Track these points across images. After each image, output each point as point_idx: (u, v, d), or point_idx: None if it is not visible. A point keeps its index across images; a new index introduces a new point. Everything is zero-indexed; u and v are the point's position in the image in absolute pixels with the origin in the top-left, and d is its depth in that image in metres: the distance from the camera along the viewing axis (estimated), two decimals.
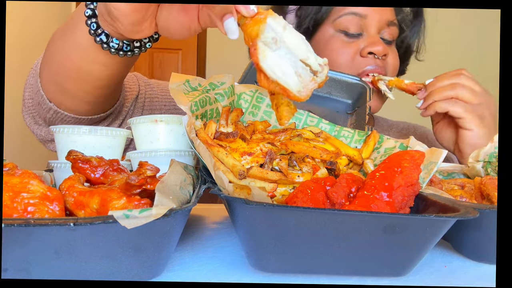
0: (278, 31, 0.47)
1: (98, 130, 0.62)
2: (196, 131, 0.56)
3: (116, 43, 0.63)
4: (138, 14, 0.55)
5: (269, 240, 0.42)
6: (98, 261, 0.38)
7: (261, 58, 0.45)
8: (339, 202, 0.49)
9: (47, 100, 0.76)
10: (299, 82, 0.47)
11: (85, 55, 0.66)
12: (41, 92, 0.76)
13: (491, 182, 0.57)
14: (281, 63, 0.46)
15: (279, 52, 0.46)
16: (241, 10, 0.49)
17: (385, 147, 0.66)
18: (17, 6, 2.03)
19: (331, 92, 0.84)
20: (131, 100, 0.90)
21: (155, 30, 0.59)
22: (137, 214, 0.36)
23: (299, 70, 0.47)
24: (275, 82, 0.46)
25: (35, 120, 0.84)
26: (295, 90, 0.47)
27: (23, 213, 0.40)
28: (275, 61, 0.46)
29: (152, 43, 0.66)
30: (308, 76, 0.48)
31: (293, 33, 0.48)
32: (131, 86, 0.92)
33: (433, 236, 0.42)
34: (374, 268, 0.44)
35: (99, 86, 0.72)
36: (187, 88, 0.64)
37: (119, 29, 0.58)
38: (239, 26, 0.50)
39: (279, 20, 0.47)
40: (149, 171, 0.43)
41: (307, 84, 0.47)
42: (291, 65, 0.47)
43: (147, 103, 0.94)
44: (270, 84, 0.47)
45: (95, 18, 0.62)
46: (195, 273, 0.45)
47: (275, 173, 0.55)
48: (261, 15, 0.47)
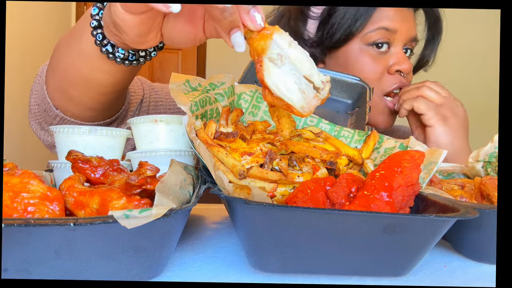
0: (283, 48, 0.47)
1: (98, 130, 0.62)
2: (196, 131, 0.56)
3: (122, 53, 0.63)
4: (145, 26, 0.55)
5: (269, 240, 0.42)
6: (98, 261, 0.38)
7: (266, 75, 0.46)
8: (339, 202, 0.49)
9: (54, 107, 0.76)
10: (303, 99, 0.48)
11: (91, 63, 0.67)
12: (47, 99, 0.76)
13: (491, 182, 0.57)
14: (286, 79, 0.47)
15: (284, 68, 0.47)
16: (248, 25, 0.49)
17: (385, 147, 0.66)
18: (17, 6, 2.03)
19: (331, 92, 0.84)
20: (136, 104, 0.90)
21: (161, 40, 0.60)
22: (137, 214, 0.36)
23: (303, 86, 0.48)
24: (279, 98, 0.47)
25: (41, 126, 0.84)
26: (298, 106, 0.48)
27: (23, 213, 0.40)
28: (280, 77, 0.47)
29: (158, 51, 0.67)
30: (312, 93, 0.49)
31: (298, 49, 0.48)
32: (136, 90, 0.92)
33: (433, 236, 0.42)
34: (374, 268, 0.44)
35: (104, 93, 0.73)
36: (187, 88, 0.64)
37: (125, 40, 0.58)
38: (245, 40, 0.50)
39: (285, 36, 0.48)
40: (149, 171, 0.43)
41: (310, 100, 0.48)
42: (295, 81, 0.48)
43: (152, 106, 0.95)
44: (275, 99, 0.48)
45: (100, 29, 0.62)
46: (195, 273, 0.45)
47: (275, 173, 0.55)
48: (268, 30, 0.48)
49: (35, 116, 0.84)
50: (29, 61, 2.10)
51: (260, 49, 0.47)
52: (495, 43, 0.92)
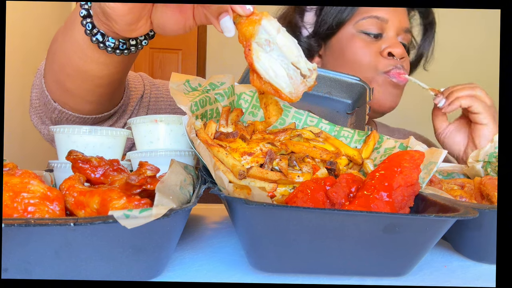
0: (271, 33, 0.48)
1: (98, 130, 0.62)
2: (196, 131, 0.56)
3: (112, 42, 0.63)
4: (134, 14, 0.55)
5: (269, 240, 0.42)
6: (98, 261, 0.38)
7: (255, 59, 0.47)
8: (339, 202, 0.49)
9: (52, 101, 0.77)
10: (291, 84, 0.49)
11: (83, 54, 0.67)
12: (45, 92, 0.77)
13: (491, 182, 0.57)
14: (274, 64, 0.48)
15: (272, 54, 0.48)
16: (237, 9, 0.49)
17: (385, 147, 0.66)
18: (18, 7, 2.03)
19: (331, 92, 0.84)
20: (136, 99, 0.91)
21: (150, 28, 0.60)
22: (137, 214, 0.36)
23: (290, 72, 0.49)
24: (268, 83, 0.48)
25: (42, 120, 0.85)
26: (287, 91, 0.49)
27: (23, 213, 0.40)
28: (268, 62, 0.48)
29: (148, 40, 0.67)
30: (299, 79, 0.50)
31: (286, 36, 0.49)
32: (136, 85, 0.93)
33: (433, 236, 0.42)
34: (374, 268, 0.44)
35: (100, 85, 0.73)
36: (187, 88, 0.64)
37: (115, 28, 0.59)
38: (234, 25, 0.50)
39: (273, 22, 0.48)
40: (149, 171, 0.43)
41: (298, 86, 0.49)
42: (283, 67, 0.49)
43: (152, 102, 0.95)
44: (263, 84, 0.49)
45: (90, 18, 0.62)
46: (195, 273, 0.45)
47: (275, 173, 0.55)
48: (256, 16, 0.49)
49: (35, 110, 0.84)
50: (29, 61, 2.10)
51: (249, 34, 0.48)
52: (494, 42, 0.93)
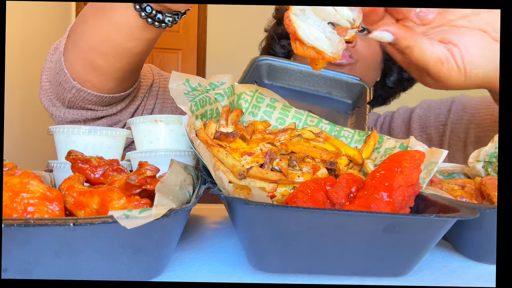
0: None
1: (98, 130, 0.62)
2: (196, 131, 0.56)
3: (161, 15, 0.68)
4: None
5: (269, 240, 0.42)
6: (98, 261, 0.38)
7: (297, 27, 0.51)
8: (339, 202, 0.49)
9: (71, 79, 0.79)
10: (331, 45, 0.53)
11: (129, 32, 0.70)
12: (64, 70, 0.79)
13: (491, 182, 0.57)
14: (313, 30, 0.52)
15: (308, 21, 0.52)
16: None
17: (385, 147, 0.66)
18: (18, 8, 2.03)
19: (331, 92, 0.84)
20: (146, 87, 0.96)
21: None
22: (137, 214, 0.36)
23: (328, 34, 0.53)
24: (311, 47, 0.52)
25: (53, 102, 0.88)
26: (329, 51, 0.53)
27: (23, 213, 0.40)
28: (308, 28, 0.52)
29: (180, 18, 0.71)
30: (337, 39, 0.54)
31: None
32: (146, 74, 0.97)
33: (433, 236, 0.42)
34: (374, 268, 0.44)
35: (133, 62, 0.77)
36: (187, 88, 0.64)
37: None
38: None
39: None
40: (149, 171, 0.43)
41: (337, 45, 0.54)
42: (321, 31, 0.53)
43: (161, 92, 1.00)
44: (305, 50, 0.53)
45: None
46: (195, 273, 0.45)
47: (275, 173, 0.55)
48: None
49: (46, 92, 0.88)
50: (29, 61, 2.10)
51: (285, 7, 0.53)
52: None
